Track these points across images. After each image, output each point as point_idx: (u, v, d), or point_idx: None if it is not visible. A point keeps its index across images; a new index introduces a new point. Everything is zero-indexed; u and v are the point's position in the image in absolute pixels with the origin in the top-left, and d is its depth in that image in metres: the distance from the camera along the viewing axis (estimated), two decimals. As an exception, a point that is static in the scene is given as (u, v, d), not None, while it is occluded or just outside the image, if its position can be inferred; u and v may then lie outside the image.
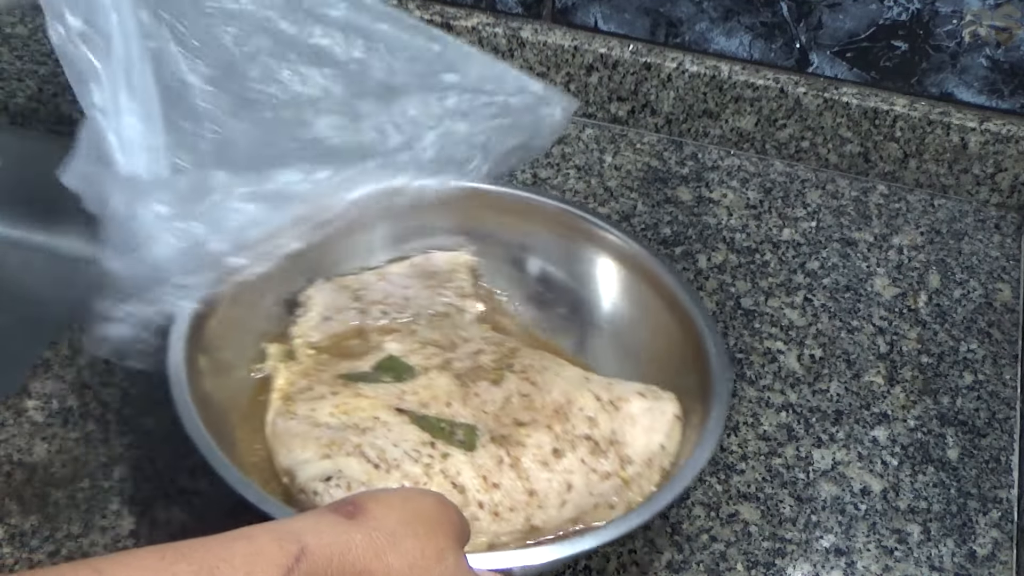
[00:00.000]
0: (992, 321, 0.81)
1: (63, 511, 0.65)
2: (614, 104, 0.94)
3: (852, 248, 0.86)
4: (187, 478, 0.67)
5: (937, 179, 0.90)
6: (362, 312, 0.71)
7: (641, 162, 0.92)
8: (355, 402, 0.63)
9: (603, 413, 0.64)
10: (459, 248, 0.74)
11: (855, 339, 0.79)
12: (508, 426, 0.63)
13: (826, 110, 0.89)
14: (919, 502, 0.70)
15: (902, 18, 0.84)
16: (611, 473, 0.62)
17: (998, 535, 0.69)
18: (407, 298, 0.72)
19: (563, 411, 0.63)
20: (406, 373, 0.66)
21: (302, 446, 0.61)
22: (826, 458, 0.72)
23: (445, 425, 0.62)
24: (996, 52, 0.83)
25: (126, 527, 0.65)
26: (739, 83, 0.89)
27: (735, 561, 0.66)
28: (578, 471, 0.61)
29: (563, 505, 0.61)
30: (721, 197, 0.89)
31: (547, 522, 0.61)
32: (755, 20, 0.87)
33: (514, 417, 0.64)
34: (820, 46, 0.87)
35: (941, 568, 0.67)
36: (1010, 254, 0.87)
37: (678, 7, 0.88)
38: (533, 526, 0.60)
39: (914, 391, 0.76)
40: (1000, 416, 0.75)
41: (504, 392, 0.65)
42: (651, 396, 0.65)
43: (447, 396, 0.64)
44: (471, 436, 0.62)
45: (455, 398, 0.64)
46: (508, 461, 0.61)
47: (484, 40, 0.92)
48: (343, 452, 0.60)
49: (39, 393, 0.70)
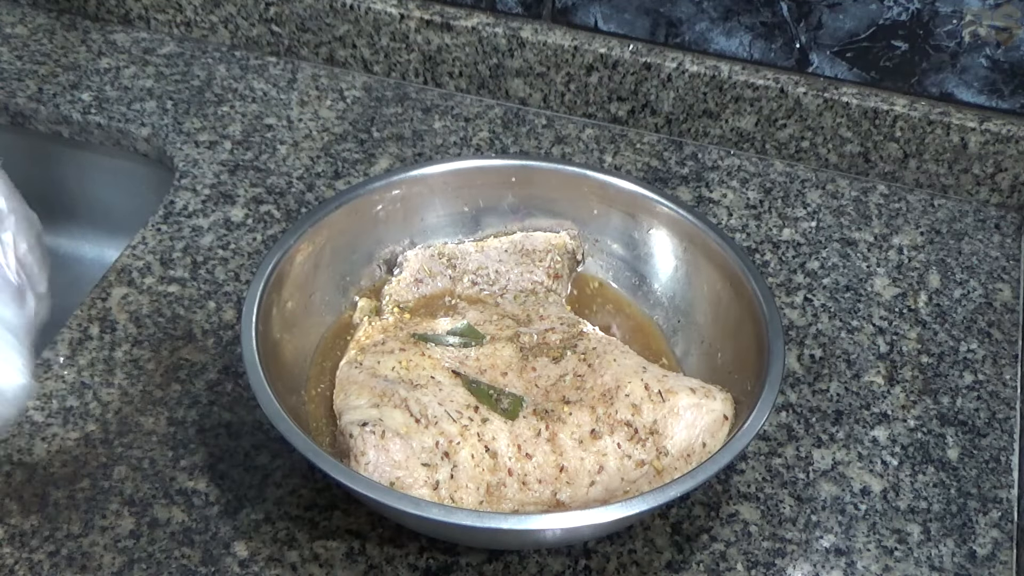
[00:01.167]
0: (992, 321, 0.81)
1: (63, 511, 0.65)
2: (614, 104, 0.94)
3: (852, 248, 0.86)
4: (187, 478, 0.67)
5: (937, 179, 0.90)
6: (453, 279, 0.75)
7: (641, 162, 0.92)
8: (418, 360, 0.67)
9: (648, 402, 0.64)
10: (561, 229, 0.76)
11: (855, 339, 0.79)
12: (554, 402, 0.65)
13: (826, 110, 0.89)
14: (919, 502, 0.70)
15: (902, 18, 0.84)
16: (645, 461, 0.63)
17: (998, 535, 0.69)
18: (499, 272, 0.75)
19: (610, 394, 0.65)
20: (475, 340, 0.70)
21: (357, 393, 0.65)
22: (826, 458, 0.72)
23: (493, 392, 0.66)
24: (996, 52, 0.83)
25: (126, 527, 0.65)
26: (739, 83, 0.89)
27: (735, 561, 0.66)
28: (612, 454, 0.63)
29: (592, 485, 0.62)
30: (721, 197, 0.89)
31: (572, 499, 0.62)
32: (755, 20, 0.87)
33: (563, 395, 0.66)
34: (820, 46, 0.87)
35: (941, 568, 0.67)
36: (1010, 254, 0.87)
37: (678, 7, 0.88)
38: (559, 500, 0.62)
39: (914, 391, 0.76)
40: (1000, 416, 0.75)
41: (560, 370, 0.67)
42: (702, 393, 0.65)
43: (505, 366, 0.68)
44: (516, 406, 0.65)
45: (512, 369, 0.68)
46: (546, 435, 0.63)
47: (484, 40, 0.92)
48: (391, 403, 0.63)
49: (39, 393, 0.70)
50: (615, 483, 0.63)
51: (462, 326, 0.71)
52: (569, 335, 0.70)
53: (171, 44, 0.99)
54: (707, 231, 0.72)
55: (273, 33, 0.97)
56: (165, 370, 0.73)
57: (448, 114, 0.94)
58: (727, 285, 0.70)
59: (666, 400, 0.64)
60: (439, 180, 0.75)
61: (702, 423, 0.64)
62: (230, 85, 0.96)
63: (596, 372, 0.66)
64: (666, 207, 0.74)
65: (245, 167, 0.88)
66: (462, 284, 0.75)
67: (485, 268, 0.75)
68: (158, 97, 0.94)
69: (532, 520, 0.57)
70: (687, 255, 0.73)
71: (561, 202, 0.76)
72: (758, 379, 0.64)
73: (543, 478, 0.63)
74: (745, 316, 0.68)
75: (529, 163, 0.76)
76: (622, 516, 0.57)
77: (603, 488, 0.62)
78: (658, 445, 0.63)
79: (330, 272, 0.73)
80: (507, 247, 0.76)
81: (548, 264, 0.75)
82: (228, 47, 0.99)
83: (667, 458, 0.63)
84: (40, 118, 0.93)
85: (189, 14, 0.98)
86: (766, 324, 0.66)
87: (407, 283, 0.75)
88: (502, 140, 0.92)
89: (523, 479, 0.63)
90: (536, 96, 0.95)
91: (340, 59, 0.98)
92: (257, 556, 0.64)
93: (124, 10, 0.99)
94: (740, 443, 0.60)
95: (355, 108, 0.94)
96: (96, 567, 0.63)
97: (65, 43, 0.98)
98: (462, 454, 0.62)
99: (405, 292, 0.75)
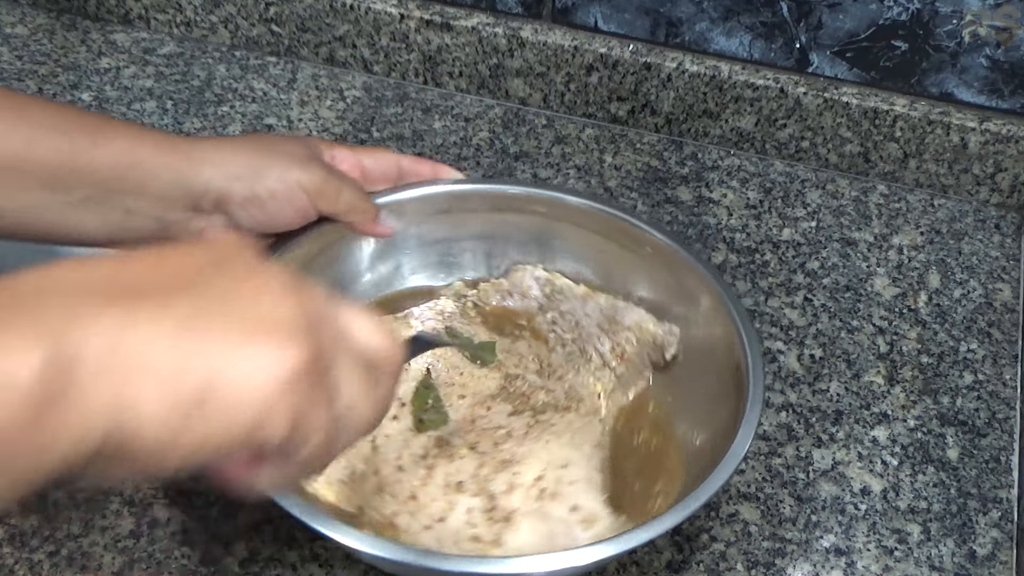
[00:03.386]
0: (992, 321, 0.81)
1: (63, 511, 0.65)
2: (614, 104, 0.94)
3: (852, 248, 0.86)
4: (187, 478, 0.67)
5: (937, 179, 0.90)
6: (540, 308, 0.74)
7: (641, 162, 0.92)
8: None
9: (524, 492, 0.61)
10: (665, 320, 0.70)
11: (855, 339, 0.79)
12: (466, 442, 0.65)
13: (826, 110, 0.89)
14: (919, 502, 0.70)
15: (902, 18, 0.83)
16: (481, 539, 0.61)
17: (998, 535, 0.69)
18: (580, 324, 0.73)
19: (506, 464, 0.63)
20: (484, 361, 0.70)
21: None
22: (826, 458, 0.72)
23: (430, 402, 0.67)
24: (996, 52, 0.83)
25: (126, 527, 0.65)
26: (739, 83, 0.89)
27: (735, 561, 0.66)
28: (459, 514, 0.61)
29: (427, 529, 0.61)
30: (721, 197, 0.89)
31: (405, 529, 0.61)
32: (755, 20, 0.87)
33: (482, 440, 0.65)
34: (820, 46, 0.87)
35: (941, 568, 0.67)
36: (1010, 254, 0.87)
37: (678, 7, 0.88)
38: (393, 523, 0.62)
39: (914, 391, 0.76)
40: (1000, 416, 0.75)
41: (506, 422, 0.66)
42: (571, 522, 0.60)
43: (472, 392, 0.68)
44: (431, 426, 0.66)
45: (474, 398, 0.67)
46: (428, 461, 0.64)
47: (484, 40, 0.92)
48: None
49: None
50: (447, 541, 0.60)
51: (488, 343, 0.71)
52: (555, 403, 0.67)
53: (171, 44, 0.99)
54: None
55: (273, 33, 0.97)
56: (165, 370, 0.73)
57: (448, 114, 0.94)
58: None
59: (542, 500, 0.61)
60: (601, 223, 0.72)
61: (556, 543, 0.59)
62: (230, 85, 0.96)
63: (523, 440, 0.64)
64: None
65: (245, 167, 0.88)
66: (543, 317, 0.74)
67: (573, 314, 0.73)
68: (158, 97, 0.94)
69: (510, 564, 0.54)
70: None
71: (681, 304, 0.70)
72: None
73: (397, 494, 0.62)
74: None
75: (684, 256, 0.69)
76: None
77: (435, 538, 0.60)
78: (499, 533, 0.60)
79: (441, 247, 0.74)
80: (604, 307, 0.72)
81: (620, 340, 0.71)
82: (228, 47, 0.99)
83: (498, 549, 0.60)
84: (40, 118, 0.93)
85: (189, 14, 0.98)
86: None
87: (499, 289, 0.75)
88: (502, 140, 0.92)
89: (382, 484, 0.63)
90: (536, 96, 0.95)
91: (340, 59, 0.98)
92: (257, 556, 0.64)
93: (124, 10, 0.99)
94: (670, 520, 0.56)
95: (355, 108, 0.94)
96: (96, 567, 0.63)
97: (65, 43, 0.98)
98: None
99: (492, 296, 0.75)
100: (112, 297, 0.34)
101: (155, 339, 0.33)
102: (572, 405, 0.68)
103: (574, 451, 0.64)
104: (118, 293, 0.34)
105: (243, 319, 0.36)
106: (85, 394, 0.32)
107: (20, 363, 0.30)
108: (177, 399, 0.34)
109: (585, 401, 0.69)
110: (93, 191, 0.58)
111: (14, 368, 0.30)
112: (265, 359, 0.36)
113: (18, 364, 0.30)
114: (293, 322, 0.37)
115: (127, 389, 0.33)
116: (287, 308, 0.37)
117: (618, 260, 0.72)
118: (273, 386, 0.36)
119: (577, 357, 0.72)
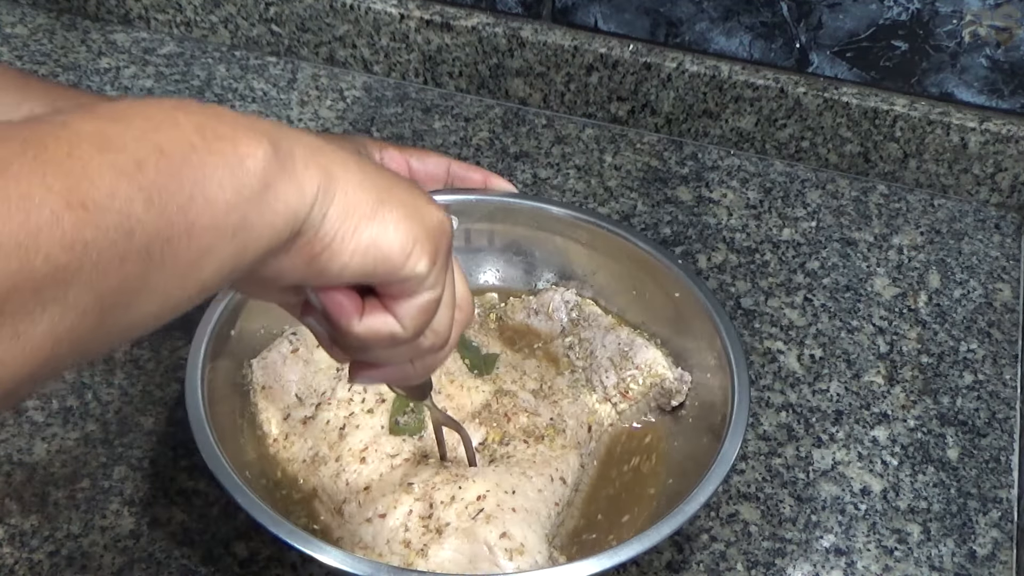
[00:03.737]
0: (992, 321, 0.81)
1: (63, 511, 0.65)
2: (614, 104, 0.94)
3: (852, 248, 0.86)
4: (187, 478, 0.67)
5: (937, 179, 0.90)
6: (563, 330, 0.74)
7: (641, 162, 0.92)
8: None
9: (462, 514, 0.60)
10: (680, 367, 0.70)
11: (855, 339, 0.79)
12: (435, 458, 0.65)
13: (826, 110, 0.89)
14: (919, 502, 0.70)
15: (902, 18, 0.83)
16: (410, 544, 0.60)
17: (998, 535, 0.69)
18: (594, 354, 0.72)
19: (460, 496, 0.61)
20: (482, 371, 0.70)
21: None
22: (826, 458, 0.72)
23: (412, 405, 0.66)
24: (996, 52, 0.83)
25: (126, 527, 0.65)
26: (739, 83, 0.89)
27: (735, 561, 0.66)
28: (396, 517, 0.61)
29: (367, 523, 0.61)
30: (721, 197, 0.89)
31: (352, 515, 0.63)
32: (755, 20, 0.87)
33: (454, 463, 0.65)
34: (820, 46, 0.87)
35: (941, 568, 0.67)
36: (1010, 254, 0.87)
37: (678, 7, 0.88)
38: (343, 511, 0.63)
39: (914, 391, 0.76)
40: (1000, 416, 0.75)
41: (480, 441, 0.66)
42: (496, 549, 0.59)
43: (457, 403, 0.67)
44: (407, 430, 0.66)
45: (458, 409, 0.67)
46: (395, 462, 0.64)
47: (484, 40, 0.92)
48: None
49: (39, 393, 0.70)
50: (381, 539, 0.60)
51: (492, 355, 0.71)
52: (531, 431, 0.66)
53: (171, 44, 0.99)
54: None
55: (273, 33, 0.97)
56: (165, 370, 0.73)
57: (448, 114, 0.94)
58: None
59: (475, 520, 0.59)
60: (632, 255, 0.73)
61: (477, 567, 0.58)
62: (230, 85, 0.96)
63: (484, 473, 0.63)
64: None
65: (245, 167, 0.88)
66: (562, 340, 0.73)
67: (590, 343, 0.72)
68: (158, 97, 0.94)
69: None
70: None
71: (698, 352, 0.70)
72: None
73: (352, 483, 0.63)
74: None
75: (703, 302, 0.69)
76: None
77: (371, 533, 0.61)
78: (427, 543, 0.59)
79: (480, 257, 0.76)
80: (623, 341, 0.72)
81: (625, 377, 0.70)
82: (228, 47, 0.99)
83: (421, 560, 0.58)
84: (40, 118, 0.93)
85: (189, 14, 0.98)
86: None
87: (526, 306, 0.75)
88: (502, 140, 0.92)
89: (340, 471, 0.64)
90: (536, 96, 0.95)
91: (340, 59, 0.98)
92: (257, 556, 0.64)
93: (124, 10, 0.99)
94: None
95: (355, 108, 0.94)
96: (96, 567, 0.63)
97: (65, 43, 0.98)
98: (327, 417, 0.65)
99: (519, 312, 0.75)
100: (311, 133, 0.45)
101: (347, 160, 0.43)
102: (548, 435, 0.67)
103: (525, 481, 0.62)
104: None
105: (411, 187, 0.46)
106: (297, 175, 0.40)
107: (253, 148, 0.38)
108: (361, 198, 0.42)
109: (567, 434, 0.67)
110: None
111: (249, 151, 0.38)
112: (427, 212, 0.45)
113: (252, 149, 0.38)
114: (442, 217, 0.46)
115: (326, 180, 0.41)
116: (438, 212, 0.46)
117: (648, 298, 0.73)
118: (428, 227, 0.44)
119: (581, 386, 0.71)
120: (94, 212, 0.33)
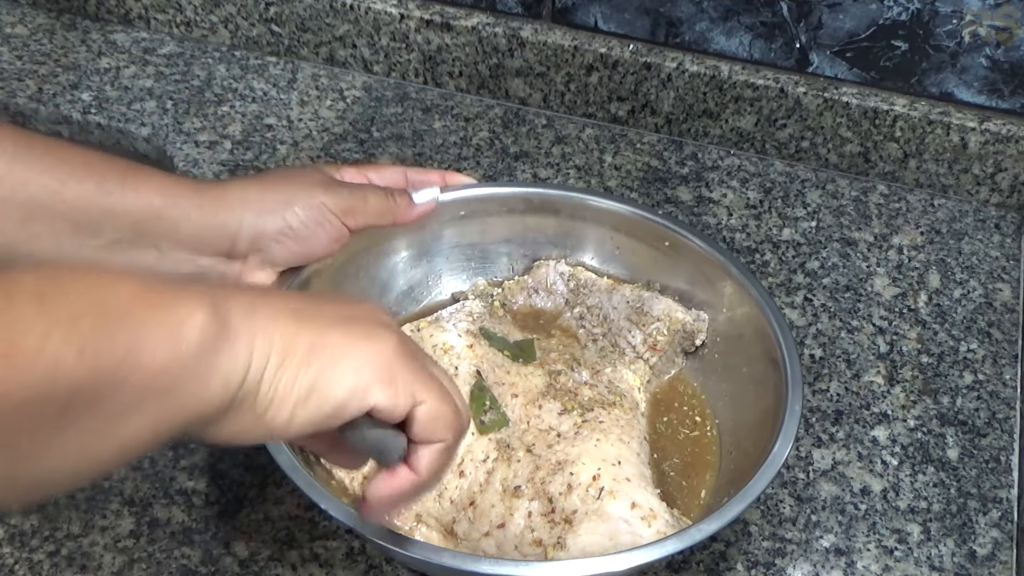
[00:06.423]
0: (992, 321, 0.81)
1: (63, 511, 0.65)
2: (614, 104, 0.94)
3: (852, 248, 0.86)
4: (187, 478, 0.67)
5: (937, 179, 0.90)
6: (568, 304, 0.75)
7: (641, 162, 0.92)
8: (461, 349, 0.68)
9: (583, 491, 0.61)
10: (692, 308, 0.73)
11: (855, 339, 0.79)
12: (524, 443, 0.64)
13: (826, 110, 0.89)
14: (919, 502, 0.70)
15: (902, 18, 0.83)
16: (543, 543, 0.61)
17: (998, 535, 0.69)
18: (608, 317, 0.73)
19: (561, 465, 0.62)
20: (526, 358, 0.70)
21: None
22: (826, 458, 0.72)
23: (488, 404, 0.66)
24: (996, 52, 0.83)
25: (126, 527, 0.65)
26: (739, 83, 0.89)
27: (735, 561, 0.66)
28: (519, 518, 0.61)
29: (486, 535, 0.62)
30: (721, 197, 0.89)
31: (465, 535, 0.62)
32: (755, 20, 0.87)
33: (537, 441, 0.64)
34: (820, 46, 0.87)
35: (941, 568, 0.67)
36: (1010, 254, 0.87)
37: (678, 7, 0.88)
38: (453, 530, 0.63)
39: (914, 391, 0.76)
40: (1000, 416, 0.75)
41: (557, 421, 0.65)
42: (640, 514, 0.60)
43: (523, 391, 0.67)
44: (492, 427, 0.65)
45: (526, 397, 0.67)
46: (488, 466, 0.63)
47: (484, 40, 0.92)
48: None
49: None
50: (508, 546, 0.61)
51: (526, 340, 0.71)
52: (601, 399, 0.67)
53: (171, 44, 0.99)
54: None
55: (273, 33, 0.97)
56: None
57: (448, 114, 0.94)
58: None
59: (601, 499, 0.60)
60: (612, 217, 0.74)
61: (619, 541, 0.59)
62: (230, 85, 0.96)
63: (574, 440, 0.64)
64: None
65: (245, 167, 0.88)
66: (571, 313, 0.74)
67: (600, 307, 0.74)
68: (158, 97, 0.94)
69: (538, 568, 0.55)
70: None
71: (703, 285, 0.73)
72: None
73: (456, 500, 0.62)
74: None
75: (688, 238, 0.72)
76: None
77: (495, 544, 0.61)
78: (561, 535, 0.60)
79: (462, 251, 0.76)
80: (631, 298, 0.73)
81: (651, 331, 0.72)
82: (228, 47, 0.99)
83: (562, 552, 0.59)
84: (40, 118, 0.93)
85: (189, 14, 0.98)
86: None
87: (524, 287, 0.75)
88: (502, 140, 0.92)
89: (441, 490, 0.63)
90: (536, 96, 0.95)
91: (340, 59, 0.98)
92: (257, 556, 0.64)
93: (124, 10, 0.99)
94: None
95: (355, 108, 0.94)
96: (96, 567, 0.63)
97: (65, 43, 0.98)
98: None
99: (517, 294, 0.75)
100: (245, 291, 0.47)
101: (280, 313, 0.44)
102: (616, 400, 0.68)
103: (624, 447, 0.64)
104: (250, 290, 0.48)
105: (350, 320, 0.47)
106: (231, 343, 0.41)
107: (189, 315, 0.39)
108: (296, 349, 0.43)
109: (626, 396, 0.69)
110: (123, 233, 0.58)
111: (185, 318, 0.39)
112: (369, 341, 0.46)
113: (188, 315, 0.39)
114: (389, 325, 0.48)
115: (261, 341, 0.42)
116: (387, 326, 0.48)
117: (640, 254, 0.74)
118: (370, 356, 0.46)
119: (610, 352, 0.72)
120: (19, 359, 0.34)
